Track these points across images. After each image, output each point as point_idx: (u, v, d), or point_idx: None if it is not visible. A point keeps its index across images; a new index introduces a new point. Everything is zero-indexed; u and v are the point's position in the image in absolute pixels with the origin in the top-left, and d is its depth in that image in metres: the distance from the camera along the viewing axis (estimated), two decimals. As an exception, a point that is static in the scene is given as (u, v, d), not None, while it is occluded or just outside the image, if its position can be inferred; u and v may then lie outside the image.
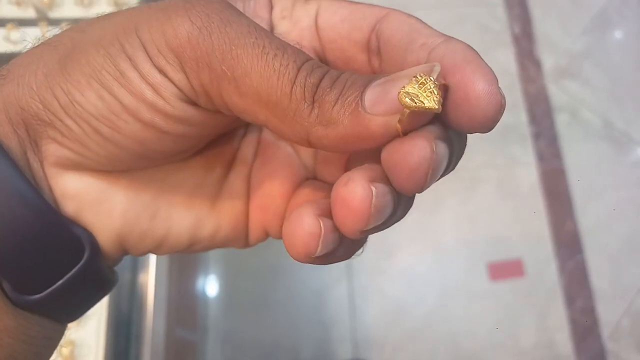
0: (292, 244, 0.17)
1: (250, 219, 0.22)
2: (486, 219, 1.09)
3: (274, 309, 1.04)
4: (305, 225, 0.16)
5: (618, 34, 1.18)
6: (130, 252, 0.21)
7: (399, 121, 0.15)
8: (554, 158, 1.12)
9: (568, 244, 1.08)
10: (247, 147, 0.22)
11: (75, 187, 0.19)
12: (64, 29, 0.19)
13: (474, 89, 0.15)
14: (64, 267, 0.19)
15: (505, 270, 1.06)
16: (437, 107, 0.15)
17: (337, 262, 0.18)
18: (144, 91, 0.17)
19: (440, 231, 1.07)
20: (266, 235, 0.22)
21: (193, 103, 0.17)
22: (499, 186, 1.10)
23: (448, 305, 1.02)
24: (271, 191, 0.22)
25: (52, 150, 0.18)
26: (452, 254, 1.05)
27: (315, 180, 0.21)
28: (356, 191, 0.15)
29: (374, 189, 0.15)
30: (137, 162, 0.19)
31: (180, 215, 0.21)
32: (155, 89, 0.17)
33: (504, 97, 0.15)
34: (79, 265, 0.19)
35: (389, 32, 0.18)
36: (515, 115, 1.13)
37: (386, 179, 0.16)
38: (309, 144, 0.17)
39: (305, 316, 1.02)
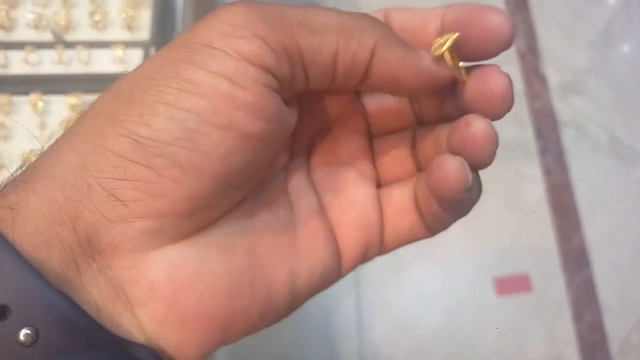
0: (448, 183, 0.18)
1: (342, 244, 0.20)
2: (493, 234, 1.09)
3: (282, 323, 1.03)
4: (452, 162, 0.18)
5: (623, 49, 1.19)
6: (230, 339, 0.18)
7: (455, 67, 0.19)
8: (561, 172, 1.12)
9: (575, 258, 1.08)
10: (297, 179, 0.21)
11: (165, 268, 0.16)
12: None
13: (489, 17, 0.18)
14: None
15: (512, 285, 1.06)
16: (455, 35, 0.18)
17: (468, 207, 0.20)
18: (218, 85, 0.16)
19: (448, 246, 1.07)
20: (363, 253, 0.21)
21: (270, 85, 0.17)
22: (506, 201, 1.11)
23: (455, 320, 1.02)
24: (356, 207, 0.21)
25: (122, 231, 0.16)
26: (460, 268, 1.06)
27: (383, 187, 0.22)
28: (481, 125, 0.18)
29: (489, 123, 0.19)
30: (218, 196, 0.17)
31: (274, 269, 0.18)
32: (229, 78, 0.16)
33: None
34: None
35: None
36: (522, 131, 1.13)
37: None
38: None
39: (313, 330, 1.02)
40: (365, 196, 0.21)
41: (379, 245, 0.21)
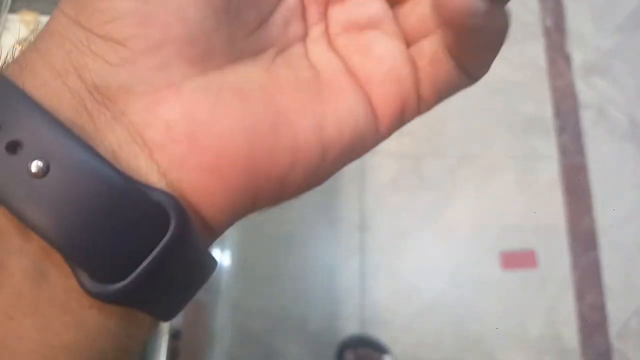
0: (450, 4, 0.17)
1: (375, 100, 0.20)
2: (502, 208, 1.09)
3: (286, 280, 1.04)
4: None
5: (651, 36, 1.17)
6: (260, 194, 0.17)
7: None
8: (577, 154, 1.12)
9: (583, 240, 1.07)
10: (318, 48, 0.20)
11: (179, 106, 0.16)
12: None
13: None
14: (147, 245, 0.15)
15: (518, 260, 1.06)
16: None
17: (496, 37, 0.18)
18: None
19: (456, 216, 1.07)
20: (400, 109, 0.20)
21: None
22: (518, 177, 1.10)
23: (458, 290, 1.03)
24: (386, 62, 0.20)
25: (128, 74, 0.16)
26: (466, 239, 1.06)
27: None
28: None
29: None
30: (211, 17, 0.17)
31: (297, 117, 0.18)
32: None
33: None
34: (164, 241, 0.15)
35: None
36: (541, 108, 1.12)
37: None
38: None
39: (315, 289, 1.03)
40: (394, 51, 0.20)
41: (416, 101, 0.20)
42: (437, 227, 1.07)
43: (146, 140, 0.16)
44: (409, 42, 0.20)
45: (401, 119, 0.20)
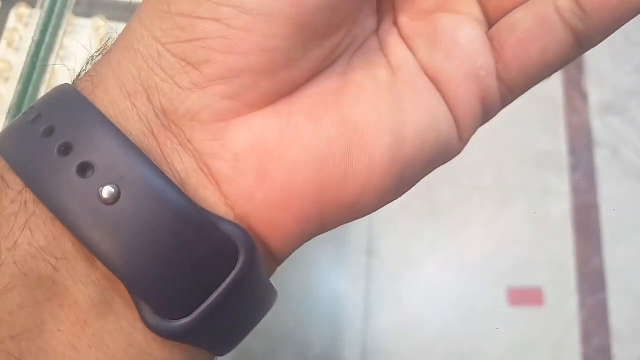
0: None
1: (453, 99, 0.18)
2: (512, 242, 1.07)
3: (288, 302, 1.02)
4: None
5: (667, 79, 1.18)
6: (326, 219, 0.16)
7: None
8: (589, 192, 1.11)
9: (591, 280, 1.06)
10: (391, 41, 0.19)
11: (248, 137, 0.15)
12: None
13: None
14: (214, 280, 0.15)
15: (525, 296, 1.05)
16: None
17: None
18: None
19: (465, 247, 1.06)
20: (480, 105, 0.18)
21: None
22: (529, 211, 1.09)
23: (463, 324, 1.01)
24: (461, 53, 0.18)
25: (197, 99, 0.15)
26: (474, 272, 1.04)
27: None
28: None
29: None
30: (295, 47, 0.15)
31: (374, 133, 0.17)
32: None
33: None
34: (232, 276, 0.15)
35: None
36: (555, 144, 1.12)
37: None
38: None
39: (318, 313, 1.00)
40: (471, 37, 0.18)
41: (498, 93, 0.18)
42: (446, 257, 1.05)
43: (213, 171, 0.15)
44: (490, 18, 0.18)
45: (483, 119, 0.18)
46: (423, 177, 0.18)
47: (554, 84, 1.12)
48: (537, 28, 0.17)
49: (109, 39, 0.16)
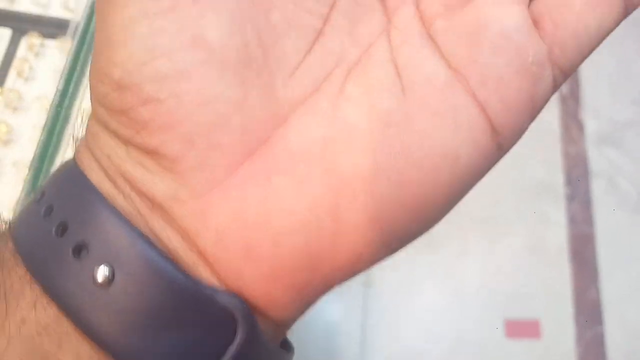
0: None
1: (492, 101, 0.15)
2: (509, 274, 1.07)
3: (282, 332, 1.00)
4: None
5: (662, 111, 1.19)
6: (332, 277, 0.15)
7: None
8: (585, 223, 1.11)
9: (589, 313, 1.06)
10: (408, 40, 0.17)
11: (227, 211, 0.14)
12: None
13: None
14: (215, 353, 0.14)
15: (523, 328, 1.04)
16: None
17: None
18: None
19: (462, 279, 1.05)
20: (531, 106, 0.16)
21: None
22: (527, 242, 1.09)
23: (460, 356, 1.00)
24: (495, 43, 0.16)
25: (169, 180, 0.14)
26: (471, 304, 1.03)
27: None
28: None
29: None
30: (230, 81, 0.15)
31: (370, 184, 0.15)
32: None
33: None
34: (233, 348, 0.14)
35: None
36: (552, 174, 1.12)
37: None
38: None
39: (313, 346, 0.99)
40: (516, 25, 0.16)
41: (551, 83, 0.16)
42: (443, 288, 1.04)
43: (200, 249, 0.15)
44: None
45: (532, 119, 0.17)
46: (456, 202, 0.16)
47: (551, 114, 1.12)
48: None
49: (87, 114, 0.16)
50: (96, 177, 0.15)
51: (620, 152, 1.14)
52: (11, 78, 0.53)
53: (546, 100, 0.17)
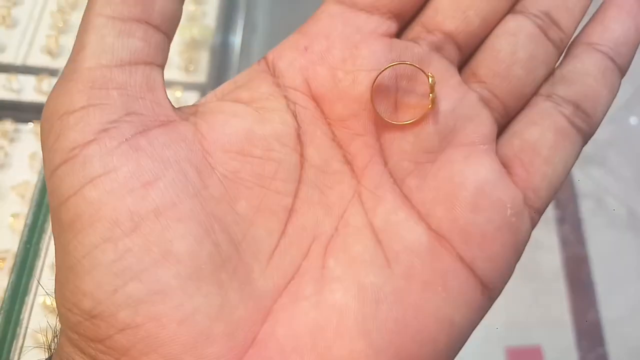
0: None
1: (478, 260, 0.17)
2: (507, 301, 1.05)
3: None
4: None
5: (643, 125, 1.20)
6: None
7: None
8: (578, 244, 1.11)
9: (590, 335, 1.05)
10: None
11: None
12: None
13: None
14: None
15: (525, 356, 1.03)
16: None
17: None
18: None
19: (460, 311, 1.04)
20: (515, 255, 0.17)
21: None
22: (521, 268, 1.08)
23: (465, 390, 0.99)
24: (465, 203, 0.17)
25: None
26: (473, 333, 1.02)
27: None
28: None
29: None
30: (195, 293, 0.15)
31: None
32: None
33: None
34: None
35: None
36: (540, 198, 1.12)
37: None
38: None
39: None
40: (488, 180, 0.17)
41: (530, 226, 0.17)
42: (442, 323, 1.03)
43: None
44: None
45: (517, 260, 0.18)
46: (456, 354, 0.17)
47: (533, 138, 1.13)
48: (560, 141, 0.18)
49: (56, 335, 0.16)
50: None
51: (604, 172, 1.15)
52: (-16, 166, 0.53)
53: (527, 241, 0.17)
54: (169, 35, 0.17)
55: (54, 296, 0.15)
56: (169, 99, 0.17)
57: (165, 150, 0.15)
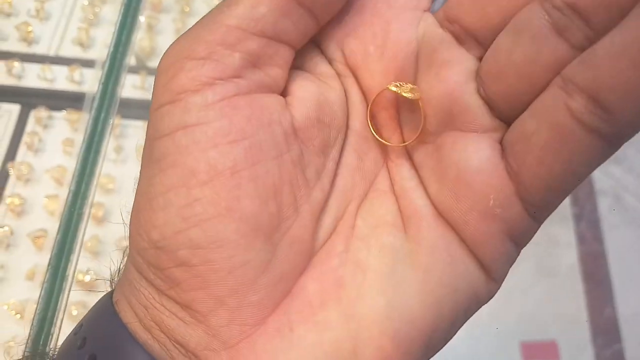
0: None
1: (472, 239, 0.17)
2: (523, 297, 1.06)
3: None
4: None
5: (663, 124, 1.19)
6: None
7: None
8: (595, 241, 1.11)
9: (606, 331, 1.05)
10: (400, 172, 0.18)
11: None
12: None
13: None
14: None
15: (539, 351, 1.03)
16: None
17: None
18: None
19: (476, 305, 1.05)
20: (502, 240, 0.17)
21: None
22: (538, 265, 1.09)
23: (479, 383, 0.99)
24: (472, 185, 0.17)
25: (202, 332, 0.15)
26: (486, 328, 1.03)
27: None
28: None
29: None
30: (254, 248, 0.16)
31: (386, 325, 0.17)
32: None
33: None
34: None
35: None
36: (558, 195, 1.12)
37: None
38: None
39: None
40: (477, 167, 0.17)
41: (527, 218, 0.17)
42: (457, 316, 1.04)
43: None
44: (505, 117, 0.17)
45: (517, 249, 0.18)
46: (457, 330, 0.18)
47: (551, 135, 1.13)
48: (555, 141, 0.16)
49: (125, 255, 0.17)
50: (132, 326, 0.16)
51: (623, 169, 1.15)
52: (22, 151, 0.56)
53: (532, 233, 0.17)
54: (319, 23, 0.17)
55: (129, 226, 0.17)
56: (285, 79, 0.18)
57: (261, 112, 0.16)
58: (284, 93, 0.18)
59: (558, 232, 1.13)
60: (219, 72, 0.16)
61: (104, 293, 0.18)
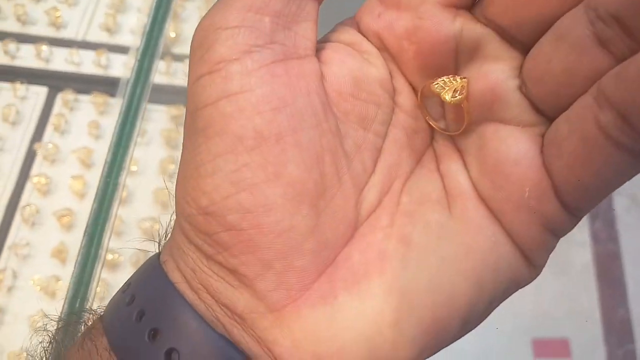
0: None
1: (510, 227, 0.17)
2: (535, 294, 1.06)
3: None
4: None
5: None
6: None
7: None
8: (610, 241, 1.10)
9: (619, 331, 1.05)
10: (447, 159, 0.18)
11: (300, 325, 0.16)
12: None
13: None
14: None
15: (551, 348, 1.03)
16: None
17: None
18: None
19: (488, 301, 1.05)
20: (543, 230, 0.17)
21: None
22: (552, 262, 1.08)
23: (489, 377, 0.99)
24: (512, 176, 0.17)
25: (249, 296, 0.16)
26: (498, 324, 1.03)
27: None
28: None
29: None
30: (299, 212, 0.16)
31: (429, 298, 0.17)
32: None
33: None
34: None
35: None
36: (574, 193, 1.11)
37: None
38: None
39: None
40: (515, 159, 0.17)
41: (562, 212, 0.17)
42: (469, 311, 1.04)
43: (276, 355, 0.16)
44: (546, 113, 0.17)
45: (556, 238, 0.18)
46: (494, 309, 0.18)
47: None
48: (584, 151, 0.15)
49: (171, 219, 0.18)
50: (180, 286, 0.17)
51: (641, 169, 1.14)
52: (48, 132, 0.57)
53: (570, 226, 0.18)
54: None
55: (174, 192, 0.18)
56: (315, 32, 0.18)
57: (299, 80, 0.17)
58: (322, 61, 0.18)
59: (573, 231, 1.11)
60: (254, 39, 0.16)
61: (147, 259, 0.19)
